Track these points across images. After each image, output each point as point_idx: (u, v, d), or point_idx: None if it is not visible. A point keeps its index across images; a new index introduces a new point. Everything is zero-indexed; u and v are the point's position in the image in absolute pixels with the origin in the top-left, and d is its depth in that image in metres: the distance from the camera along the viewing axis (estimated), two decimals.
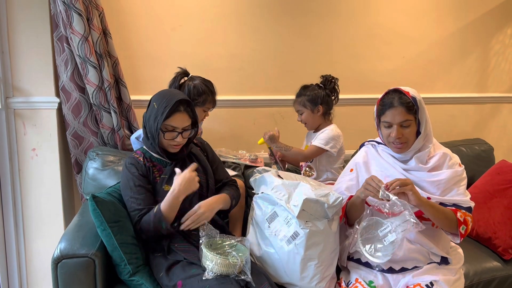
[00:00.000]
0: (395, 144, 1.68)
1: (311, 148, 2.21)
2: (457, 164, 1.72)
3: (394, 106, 1.65)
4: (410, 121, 1.65)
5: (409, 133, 1.66)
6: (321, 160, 2.24)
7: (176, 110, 1.64)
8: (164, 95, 1.68)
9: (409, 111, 1.64)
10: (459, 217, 1.63)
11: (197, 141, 1.92)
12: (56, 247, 1.57)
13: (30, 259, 2.26)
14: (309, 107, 2.20)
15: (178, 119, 1.66)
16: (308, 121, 2.25)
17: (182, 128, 1.68)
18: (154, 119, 1.65)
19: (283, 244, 1.64)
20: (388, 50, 2.85)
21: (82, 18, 2.00)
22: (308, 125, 2.28)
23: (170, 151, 1.73)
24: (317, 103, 2.19)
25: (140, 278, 1.60)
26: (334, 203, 1.64)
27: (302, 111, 2.23)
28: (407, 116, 1.64)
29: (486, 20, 3.03)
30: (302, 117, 2.24)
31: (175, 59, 2.46)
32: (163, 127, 1.65)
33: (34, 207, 2.21)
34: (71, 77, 2.12)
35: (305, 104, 2.21)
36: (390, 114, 1.66)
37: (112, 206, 1.67)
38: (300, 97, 2.23)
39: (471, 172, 2.40)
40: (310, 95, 2.20)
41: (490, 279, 1.97)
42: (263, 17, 2.58)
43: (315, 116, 2.22)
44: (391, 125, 1.67)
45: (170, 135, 1.67)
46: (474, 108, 3.17)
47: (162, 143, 1.70)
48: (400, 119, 1.64)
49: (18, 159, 2.16)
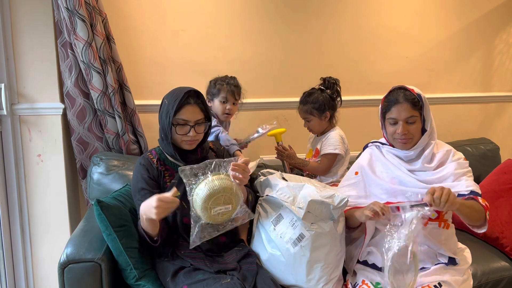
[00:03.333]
0: (400, 140, 1.68)
1: (323, 160, 2.19)
2: (461, 158, 1.72)
3: (399, 102, 1.65)
4: (415, 117, 1.66)
5: (414, 129, 1.67)
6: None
7: (186, 102, 1.63)
8: (174, 90, 1.68)
9: (415, 107, 1.65)
10: (481, 202, 1.61)
11: (213, 146, 1.89)
12: (63, 252, 1.58)
13: (37, 264, 2.27)
14: (316, 115, 2.19)
15: (189, 111, 1.64)
16: (314, 127, 2.24)
17: (194, 122, 1.65)
18: (165, 114, 1.64)
19: (289, 246, 1.63)
20: (392, 50, 2.84)
21: (85, 24, 2.02)
22: (315, 131, 2.27)
23: (184, 147, 1.69)
24: (324, 110, 2.18)
25: (146, 282, 1.61)
26: (339, 204, 1.63)
27: (309, 119, 2.21)
28: (413, 112, 1.65)
29: (490, 19, 3.02)
30: (310, 124, 2.23)
31: (179, 63, 2.48)
32: (174, 121, 1.63)
33: (40, 212, 2.22)
34: (76, 83, 2.14)
35: (312, 112, 2.18)
36: (395, 110, 1.66)
37: (117, 210, 1.67)
38: (305, 105, 2.20)
39: (477, 172, 2.39)
40: (316, 102, 2.17)
41: (499, 279, 1.96)
42: (265, 20, 2.58)
43: (322, 122, 2.21)
44: (397, 121, 1.67)
45: (182, 130, 1.65)
46: (479, 107, 3.16)
47: (176, 139, 1.68)
48: (405, 115, 1.65)
49: (24, 165, 2.17)
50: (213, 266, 1.61)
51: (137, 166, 1.72)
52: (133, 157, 2.19)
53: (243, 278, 1.55)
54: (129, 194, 1.83)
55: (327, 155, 2.18)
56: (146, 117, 2.39)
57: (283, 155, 2.23)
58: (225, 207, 1.51)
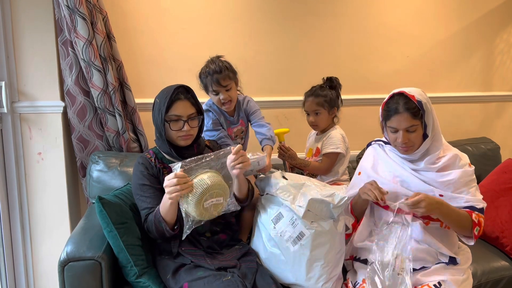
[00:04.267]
0: (402, 147, 1.68)
1: (325, 160, 2.19)
2: (467, 165, 1.72)
3: (399, 112, 1.63)
4: (416, 126, 1.64)
5: (415, 137, 1.65)
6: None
7: (176, 98, 1.65)
8: (164, 89, 1.71)
9: (415, 116, 1.62)
10: (474, 218, 1.62)
11: (209, 143, 1.91)
12: (63, 250, 1.58)
13: (37, 262, 2.27)
14: (327, 108, 2.18)
15: (180, 106, 1.66)
16: (321, 122, 2.21)
17: (187, 116, 1.67)
18: (158, 112, 1.66)
19: (289, 245, 1.63)
20: (392, 50, 2.84)
21: (86, 22, 2.02)
22: (319, 127, 2.23)
23: (180, 143, 1.71)
24: (334, 105, 2.18)
25: (146, 280, 1.61)
26: (339, 203, 1.64)
27: (319, 111, 2.18)
28: (413, 121, 1.63)
29: (490, 19, 3.02)
30: (317, 118, 2.19)
31: (179, 61, 2.48)
32: (167, 118, 1.66)
33: (40, 210, 2.22)
34: (76, 81, 2.14)
35: (323, 105, 2.17)
36: (395, 120, 1.65)
37: (119, 208, 1.67)
38: (317, 98, 2.17)
39: (478, 171, 2.35)
40: (327, 95, 2.16)
41: (499, 278, 1.96)
42: (266, 19, 2.58)
43: (329, 118, 2.21)
44: (397, 130, 1.66)
45: (176, 125, 1.66)
46: (480, 107, 3.15)
47: (171, 136, 1.69)
48: (406, 125, 1.63)
49: (24, 163, 2.17)
50: (214, 263, 1.62)
51: (136, 165, 1.73)
52: (131, 154, 2.20)
53: (243, 276, 1.56)
54: (130, 193, 1.83)
55: (328, 155, 2.18)
56: (147, 116, 2.39)
57: (285, 155, 2.22)
58: (216, 199, 1.55)
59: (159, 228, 1.59)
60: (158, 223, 1.58)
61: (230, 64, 2.04)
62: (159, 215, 1.58)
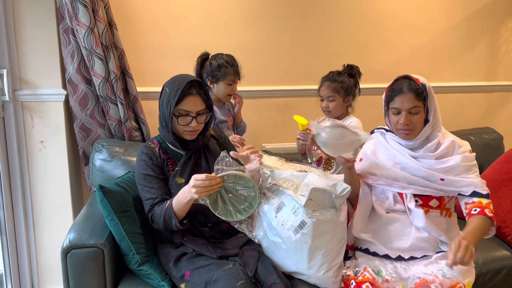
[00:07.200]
0: (403, 131, 1.68)
1: None
2: (467, 151, 1.72)
3: (403, 92, 1.64)
4: (418, 107, 1.65)
5: (417, 120, 1.66)
6: None
7: (188, 93, 1.61)
8: (176, 79, 1.65)
9: (418, 97, 1.64)
10: (488, 213, 1.62)
11: (215, 133, 1.87)
12: (65, 238, 1.59)
13: (40, 250, 2.28)
14: (342, 95, 2.13)
15: (191, 102, 1.62)
16: (335, 109, 2.14)
17: (196, 113, 1.63)
18: (166, 103, 1.61)
19: (291, 233, 1.64)
20: (396, 38, 2.82)
21: (87, 10, 2.00)
22: (332, 114, 2.17)
23: (186, 137, 1.69)
24: (349, 93, 2.14)
25: (148, 267, 1.62)
26: (341, 193, 1.63)
27: (334, 98, 2.12)
28: (416, 102, 1.64)
29: (495, 7, 2.99)
30: (331, 104, 2.13)
31: (181, 50, 2.46)
32: (176, 111, 1.62)
33: (43, 199, 2.23)
34: (78, 69, 2.13)
35: (339, 91, 2.11)
36: (399, 100, 1.66)
37: (120, 196, 1.68)
38: (334, 83, 2.12)
39: (480, 161, 2.35)
40: (344, 82, 2.11)
41: (500, 268, 1.96)
42: (268, 8, 2.56)
43: (344, 105, 2.16)
44: (400, 111, 1.66)
45: (184, 120, 1.63)
46: (483, 96, 3.14)
47: (177, 129, 1.67)
48: (409, 105, 1.64)
49: (27, 151, 2.17)
50: (216, 252, 1.62)
51: (139, 154, 1.72)
52: (135, 143, 2.19)
53: (245, 264, 1.56)
54: (131, 181, 1.83)
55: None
56: (148, 104, 2.38)
57: (309, 138, 1.95)
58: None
59: (168, 222, 1.58)
60: (168, 217, 1.57)
61: None
62: (171, 210, 1.56)
